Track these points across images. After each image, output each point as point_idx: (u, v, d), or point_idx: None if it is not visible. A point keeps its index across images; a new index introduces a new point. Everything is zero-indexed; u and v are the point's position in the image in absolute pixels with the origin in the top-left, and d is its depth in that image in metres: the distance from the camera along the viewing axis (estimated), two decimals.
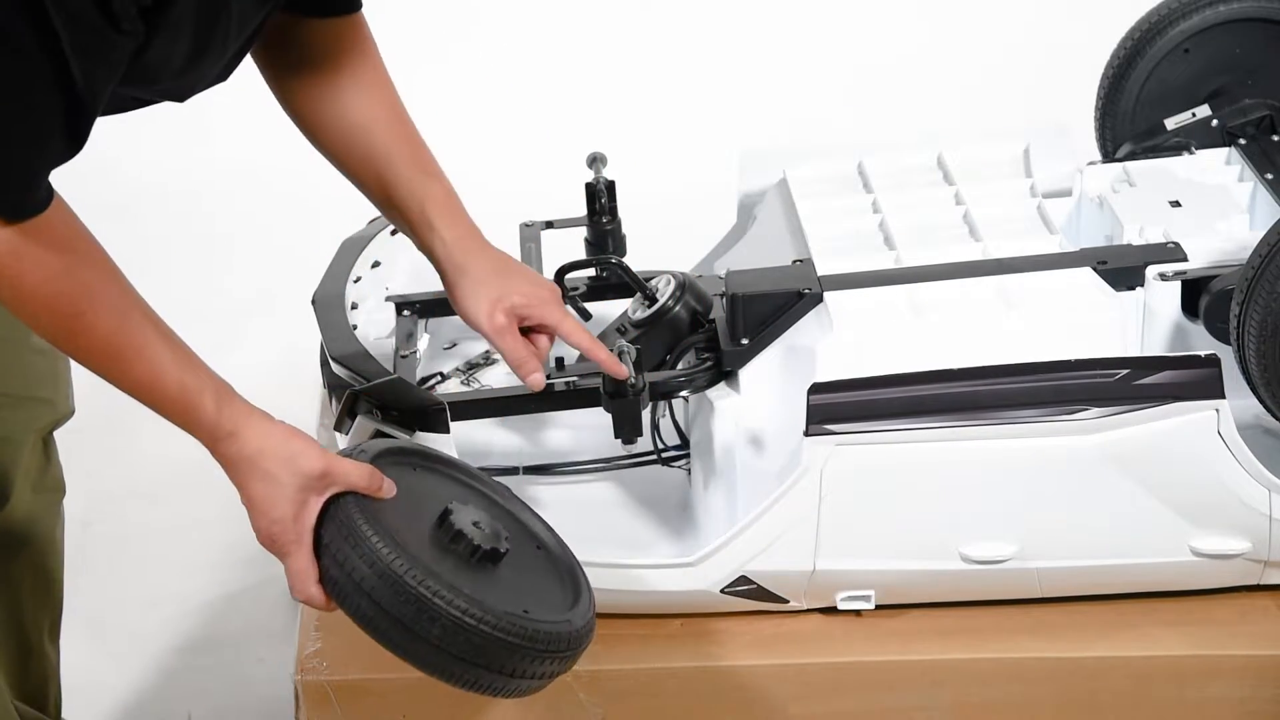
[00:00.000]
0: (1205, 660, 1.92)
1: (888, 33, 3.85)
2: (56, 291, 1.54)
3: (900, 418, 1.85)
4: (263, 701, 2.38)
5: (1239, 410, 1.90)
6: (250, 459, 1.63)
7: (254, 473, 1.64)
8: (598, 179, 2.12)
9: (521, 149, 3.50)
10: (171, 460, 2.87)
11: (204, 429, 1.63)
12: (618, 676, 1.92)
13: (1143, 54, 2.27)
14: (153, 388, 1.61)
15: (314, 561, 1.66)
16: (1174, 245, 2.02)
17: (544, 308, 1.85)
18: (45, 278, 1.52)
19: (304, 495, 1.64)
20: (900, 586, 1.93)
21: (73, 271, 1.54)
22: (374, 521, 1.63)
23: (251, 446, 1.63)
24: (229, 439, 1.63)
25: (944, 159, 2.25)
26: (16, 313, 1.55)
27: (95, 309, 1.56)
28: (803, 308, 1.99)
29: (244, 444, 1.63)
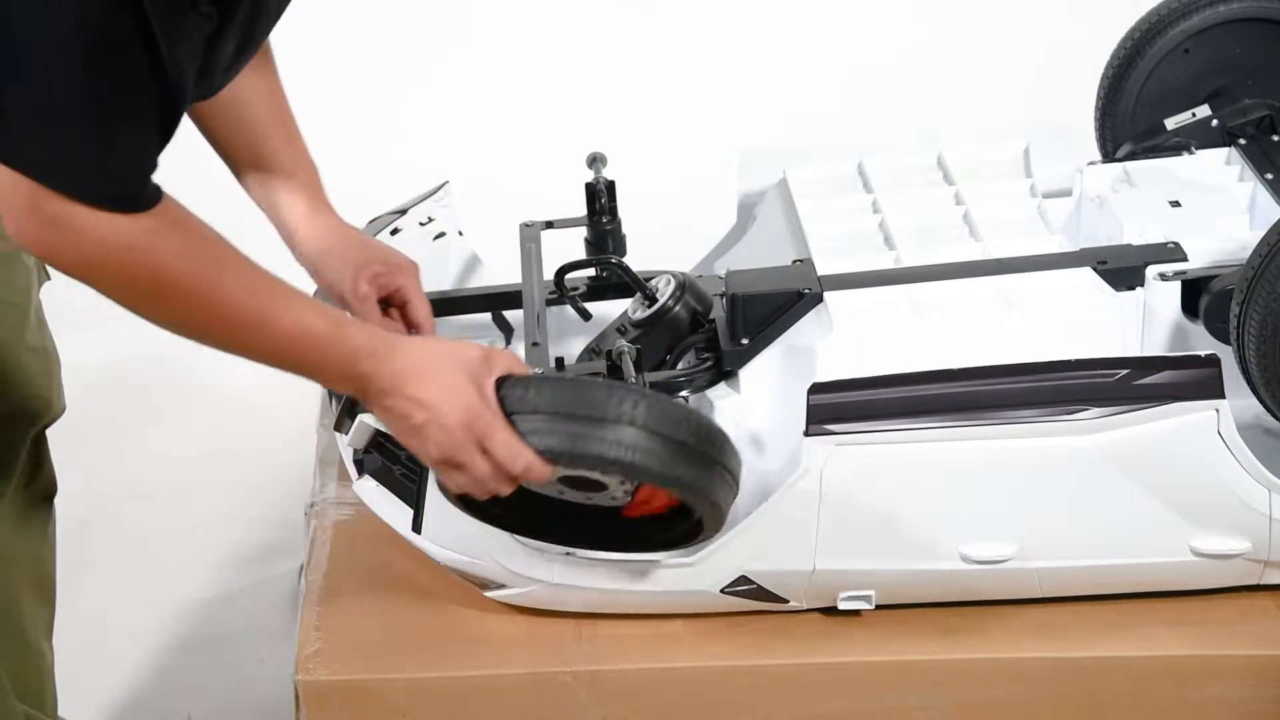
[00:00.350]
0: (1205, 660, 1.92)
1: (888, 33, 3.85)
2: (193, 270, 1.56)
3: (900, 418, 1.85)
4: (263, 701, 2.38)
5: (1239, 410, 1.90)
6: (417, 366, 1.65)
7: (426, 375, 1.66)
8: (598, 179, 2.12)
9: (521, 149, 3.50)
10: (171, 460, 2.88)
11: (362, 357, 1.65)
12: (618, 676, 1.92)
13: (1143, 54, 2.27)
14: (304, 335, 1.63)
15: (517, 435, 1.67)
16: (1174, 245, 2.02)
17: (403, 276, 1.94)
18: (181, 260, 1.54)
19: (479, 378, 1.67)
20: (900, 586, 1.93)
21: (199, 246, 1.57)
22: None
23: (413, 354, 1.66)
24: (390, 355, 1.66)
25: (944, 159, 2.25)
26: (155, 306, 1.57)
27: (230, 276, 1.59)
28: (803, 308, 1.99)
29: (406, 353, 1.66)
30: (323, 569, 2.04)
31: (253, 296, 1.60)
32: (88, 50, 1.43)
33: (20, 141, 1.46)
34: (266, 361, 1.65)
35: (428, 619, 1.98)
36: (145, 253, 1.52)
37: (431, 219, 2.23)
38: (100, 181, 1.48)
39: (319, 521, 2.12)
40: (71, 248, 1.50)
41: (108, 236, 1.50)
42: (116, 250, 1.51)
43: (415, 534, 1.93)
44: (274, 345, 1.62)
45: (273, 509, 2.76)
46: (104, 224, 1.49)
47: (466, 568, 1.93)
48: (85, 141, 1.47)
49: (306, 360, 1.64)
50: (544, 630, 1.95)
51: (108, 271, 1.52)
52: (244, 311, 1.60)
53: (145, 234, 1.51)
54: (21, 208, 1.48)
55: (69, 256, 1.51)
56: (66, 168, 1.47)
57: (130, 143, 1.50)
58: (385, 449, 1.96)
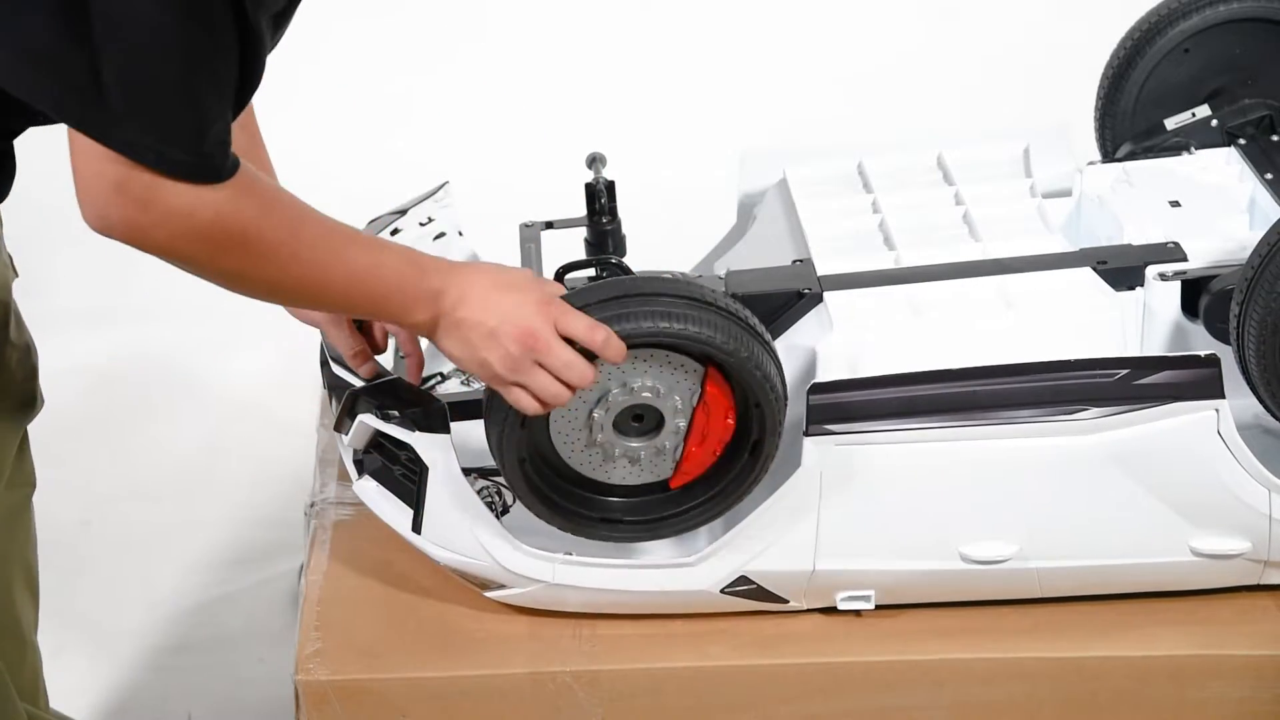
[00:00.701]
0: (1205, 660, 1.92)
1: (888, 33, 3.85)
2: (274, 226, 1.59)
3: (900, 418, 1.85)
4: (263, 701, 2.38)
5: (1239, 410, 1.90)
6: (487, 279, 1.72)
7: (498, 286, 1.72)
8: (597, 179, 2.12)
9: (521, 149, 3.49)
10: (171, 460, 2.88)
11: (439, 276, 1.71)
12: (618, 676, 1.92)
13: (1143, 54, 2.26)
14: (379, 264, 1.68)
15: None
16: (1174, 245, 2.02)
17: None
18: (262, 219, 1.57)
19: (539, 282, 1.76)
20: (900, 586, 1.93)
21: (275, 203, 1.60)
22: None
23: (481, 269, 1.73)
24: (461, 270, 1.72)
25: (944, 159, 2.25)
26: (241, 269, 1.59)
27: (306, 226, 1.62)
28: (803, 308, 1.99)
29: (474, 270, 1.73)
30: (323, 569, 2.04)
31: (329, 238, 1.64)
32: (184, 25, 1.45)
33: (118, 121, 1.47)
34: (342, 302, 1.71)
35: (428, 619, 1.98)
36: (231, 219, 1.54)
37: (431, 219, 2.23)
38: (193, 157, 1.50)
39: (319, 521, 2.12)
40: (161, 225, 1.52)
41: (197, 209, 1.52)
42: (205, 221, 1.53)
43: (415, 534, 1.93)
44: (351, 281, 1.66)
45: (273, 509, 2.76)
46: (193, 198, 1.51)
47: (466, 568, 1.93)
48: (182, 119, 1.49)
49: (382, 288, 1.69)
50: (543, 630, 1.95)
51: (197, 243, 1.54)
52: (322, 255, 1.63)
53: (229, 201, 1.53)
54: (108, 191, 1.50)
55: (158, 234, 1.53)
56: (162, 146, 1.48)
57: (218, 117, 1.52)
58: (385, 449, 1.96)
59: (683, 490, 1.90)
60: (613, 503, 1.91)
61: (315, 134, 1.88)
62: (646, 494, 1.90)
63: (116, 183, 1.50)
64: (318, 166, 1.93)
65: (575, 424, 1.85)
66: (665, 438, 1.86)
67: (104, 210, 1.51)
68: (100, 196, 1.51)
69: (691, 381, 1.83)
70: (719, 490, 1.89)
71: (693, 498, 1.90)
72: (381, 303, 1.71)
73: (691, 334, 1.78)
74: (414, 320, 1.73)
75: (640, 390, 1.82)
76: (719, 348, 1.78)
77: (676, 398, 1.84)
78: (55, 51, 1.46)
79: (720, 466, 1.89)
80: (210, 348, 3.06)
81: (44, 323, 2.05)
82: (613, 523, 1.91)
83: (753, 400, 1.84)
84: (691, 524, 1.92)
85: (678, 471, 1.88)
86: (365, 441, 1.96)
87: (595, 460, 1.87)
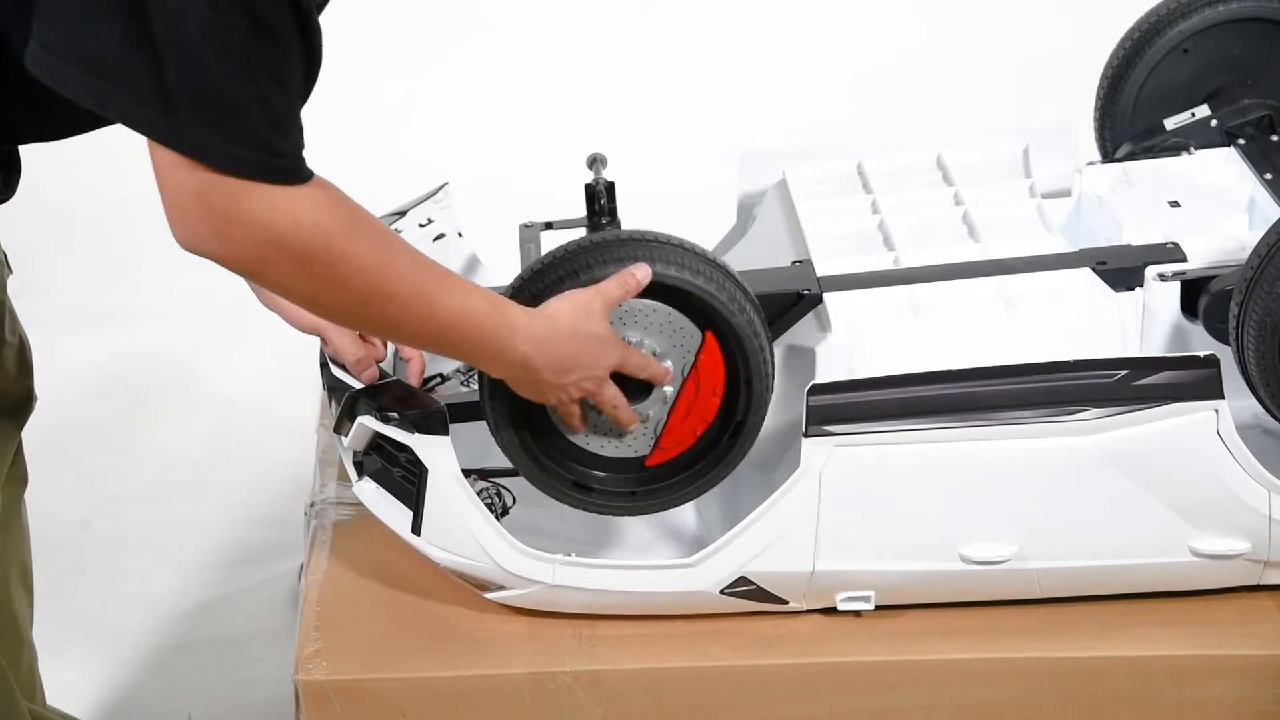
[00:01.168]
0: (1205, 660, 1.92)
1: (888, 33, 3.85)
2: (362, 245, 1.57)
3: (900, 418, 1.85)
4: (263, 701, 2.38)
5: (1239, 410, 1.90)
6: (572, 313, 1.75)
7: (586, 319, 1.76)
8: (597, 180, 2.12)
9: (521, 149, 3.50)
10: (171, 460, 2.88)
11: (520, 319, 1.71)
12: (618, 676, 1.92)
13: (1143, 54, 2.27)
14: (467, 310, 1.67)
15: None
16: (1173, 245, 2.02)
17: None
18: (348, 234, 1.56)
19: (602, 320, 1.79)
20: (900, 587, 1.93)
21: (361, 221, 1.58)
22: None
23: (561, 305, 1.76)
24: (540, 316, 1.74)
25: (944, 159, 2.25)
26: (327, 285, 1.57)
27: (396, 251, 1.61)
28: (803, 308, 1.99)
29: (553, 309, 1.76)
30: (323, 569, 2.04)
31: (418, 271, 1.62)
32: (241, 24, 1.45)
33: (187, 125, 1.47)
34: (424, 340, 1.69)
35: (428, 619, 1.98)
36: (315, 228, 1.53)
37: (431, 220, 2.23)
38: (264, 155, 1.49)
39: (319, 521, 2.12)
40: (247, 237, 1.51)
41: (278, 216, 1.51)
42: (288, 229, 1.52)
43: (415, 536, 1.93)
44: (437, 322, 1.65)
45: (273, 509, 2.76)
46: (273, 203, 1.51)
47: (466, 569, 1.93)
48: (249, 118, 1.48)
49: (467, 337, 1.68)
50: (543, 630, 1.95)
51: (283, 252, 1.53)
52: (410, 286, 1.61)
53: (312, 208, 1.53)
54: (193, 205, 1.50)
55: (244, 247, 1.52)
56: (233, 146, 1.48)
57: (286, 114, 1.51)
58: (385, 451, 1.96)
59: (658, 468, 1.91)
60: (592, 473, 1.91)
61: (315, 134, 1.86)
62: (623, 469, 1.91)
63: (199, 194, 1.49)
64: (317, 167, 1.92)
65: None
66: (651, 405, 1.86)
67: (191, 226, 1.51)
68: (187, 212, 1.51)
69: (687, 349, 1.85)
70: (694, 471, 1.90)
71: (667, 477, 1.91)
72: (459, 351, 1.72)
73: (707, 290, 1.80)
74: (491, 372, 1.77)
75: (637, 346, 1.84)
76: (726, 306, 1.81)
77: (669, 363, 1.85)
78: (119, 60, 1.46)
79: (699, 447, 1.89)
80: (210, 348, 3.06)
81: (45, 324, 2.05)
82: (585, 489, 1.91)
83: (744, 375, 1.85)
84: (663, 504, 1.93)
85: (656, 448, 1.89)
86: (365, 443, 1.96)
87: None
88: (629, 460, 1.90)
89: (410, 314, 1.63)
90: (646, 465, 1.90)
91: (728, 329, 1.83)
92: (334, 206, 1.55)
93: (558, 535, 2.02)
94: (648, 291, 1.82)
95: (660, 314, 1.84)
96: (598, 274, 1.80)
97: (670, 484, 1.91)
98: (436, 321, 1.65)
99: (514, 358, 1.72)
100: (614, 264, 1.80)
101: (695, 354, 1.85)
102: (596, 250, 1.81)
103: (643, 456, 1.90)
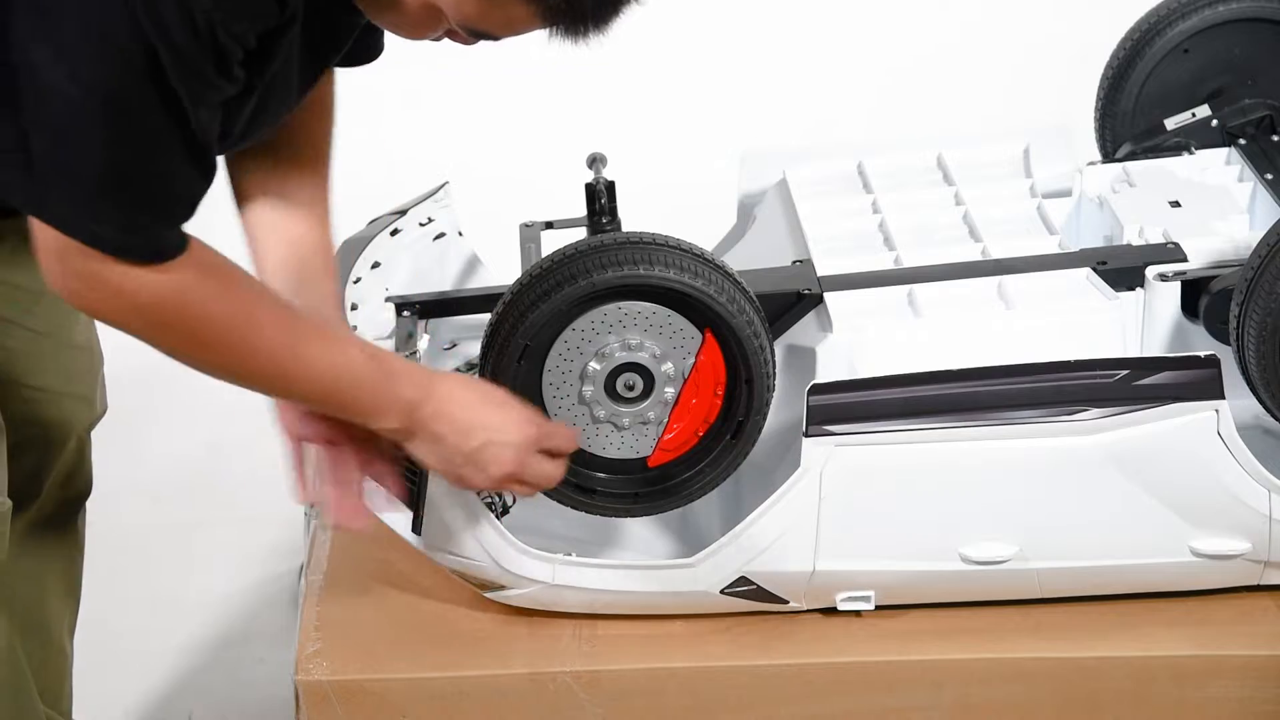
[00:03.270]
0: (1205, 660, 1.92)
1: (888, 33, 3.85)
2: (226, 313, 1.56)
3: (900, 418, 1.85)
4: (263, 701, 2.38)
5: (1239, 410, 1.89)
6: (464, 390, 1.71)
7: (475, 397, 1.71)
8: (598, 179, 2.12)
9: (521, 149, 3.50)
10: (171, 460, 2.88)
11: (405, 384, 1.68)
12: (618, 676, 1.92)
13: (1143, 54, 2.26)
14: (345, 366, 1.64)
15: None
16: (1174, 245, 2.02)
17: None
18: (213, 305, 1.55)
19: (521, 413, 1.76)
20: (900, 587, 1.93)
21: (230, 289, 1.57)
22: None
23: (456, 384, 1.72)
24: (433, 380, 1.69)
25: (944, 159, 2.25)
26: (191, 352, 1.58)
27: (263, 315, 1.59)
28: (803, 308, 1.99)
29: (449, 379, 1.71)
30: (323, 569, 2.04)
31: (288, 333, 1.61)
32: (105, 111, 1.44)
33: (45, 192, 1.47)
34: (309, 400, 1.67)
35: (428, 619, 1.98)
36: (175, 303, 1.53)
37: (431, 219, 2.23)
38: (125, 236, 1.49)
39: (319, 521, 2.12)
40: (101, 301, 1.52)
41: (136, 290, 1.51)
42: (147, 303, 1.52)
43: (415, 535, 1.93)
44: (313, 381, 1.63)
45: (273, 509, 2.76)
46: (131, 277, 1.50)
47: (466, 569, 1.93)
48: (111, 199, 1.47)
49: (348, 393, 1.65)
50: (543, 630, 1.95)
51: (142, 321, 1.53)
52: (280, 349, 1.60)
53: (174, 285, 1.52)
54: (53, 259, 1.50)
55: (100, 309, 1.53)
56: (87, 222, 1.48)
57: (154, 198, 1.50)
58: None
59: (660, 469, 1.90)
60: (594, 475, 1.91)
61: None
62: (625, 471, 1.90)
63: (59, 253, 1.49)
64: None
65: (569, 377, 1.85)
66: (652, 407, 1.86)
67: (56, 282, 1.52)
68: (47, 263, 1.51)
69: (687, 349, 1.85)
70: (696, 471, 1.90)
71: (669, 478, 1.91)
72: (348, 405, 1.68)
73: (706, 291, 1.80)
74: (382, 425, 1.71)
75: (637, 349, 1.84)
76: (725, 307, 1.80)
77: (670, 365, 1.85)
78: None
79: (700, 447, 1.90)
80: None
81: None
82: (588, 491, 1.91)
83: (745, 375, 1.85)
84: (667, 505, 1.93)
85: (658, 448, 1.89)
86: None
87: (581, 422, 1.87)
88: (631, 461, 1.90)
89: (285, 374, 1.62)
90: (649, 466, 1.90)
91: (727, 329, 1.83)
92: (200, 283, 1.54)
93: (558, 535, 2.01)
94: (647, 294, 1.82)
95: (659, 316, 1.84)
96: (596, 278, 1.79)
97: (673, 484, 1.91)
98: (314, 379, 1.63)
99: (397, 403, 1.68)
100: (612, 268, 1.80)
101: (695, 355, 1.85)
102: (594, 254, 1.81)
103: (644, 457, 1.90)
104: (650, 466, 1.90)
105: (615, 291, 1.81)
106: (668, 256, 1.81)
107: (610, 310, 1.82)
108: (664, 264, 1.81)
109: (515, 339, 1.81)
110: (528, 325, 1.80)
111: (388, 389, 1.67)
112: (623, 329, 1.83)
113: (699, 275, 1.81)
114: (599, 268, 1.80)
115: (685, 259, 1.82)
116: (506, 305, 1.82)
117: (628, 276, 1.80)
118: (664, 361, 1.85)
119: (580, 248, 1.82)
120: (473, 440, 1.71)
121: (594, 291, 1.80)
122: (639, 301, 1.82)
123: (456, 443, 1.71)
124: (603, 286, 1.80)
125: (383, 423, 1.70)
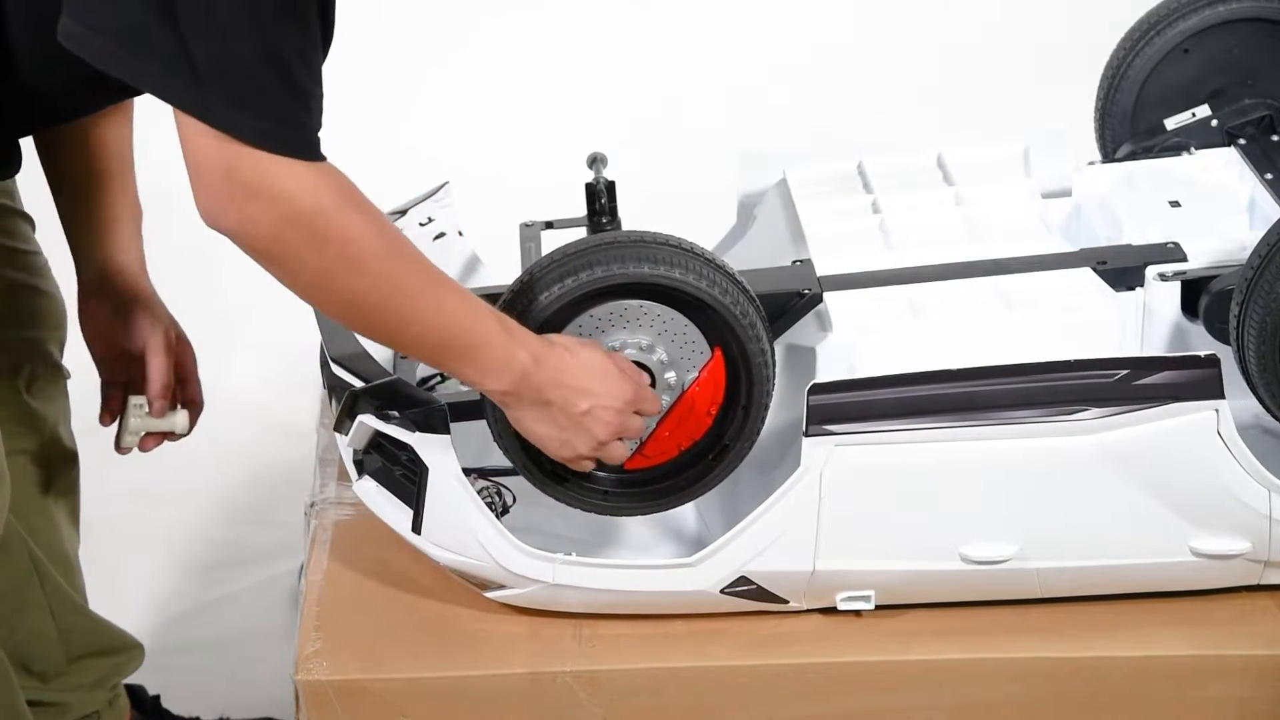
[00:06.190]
0: (1205, 660, 1.92)
1: (888, 33, 3.85)
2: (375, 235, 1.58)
3: (900, 418, 1.85)
4: (263, 701, 2.38)
5: (1239, 410, 1.90)
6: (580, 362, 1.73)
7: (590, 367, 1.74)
8: (598, 179, 2.12)
9: (521, 149, 3.50)
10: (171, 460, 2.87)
11: (528, 352, 1.70)
12: (618, 676, 1.92)
13: (1142, 54, 2.26)
14: (473, 316, 1.66)
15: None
16: (1174, 245, 2.02)
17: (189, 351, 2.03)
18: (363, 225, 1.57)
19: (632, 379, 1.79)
20: (900, 587, 1.93)
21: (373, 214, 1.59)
22: None
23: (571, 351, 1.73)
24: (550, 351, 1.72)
25: (944, 159, 2.25)
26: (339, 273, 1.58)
27: (404, 246, 1.61)
28: (803, 308, 1.99)
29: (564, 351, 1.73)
30: (323, 569, 2.04)
31: (426, 271, 1.62)
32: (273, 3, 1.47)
33: (216, 100, 1.48)
34: (422, 347, 1.67)
35: (428, 619, 1.98)
36: (335, 206, 1.54)
37: (431, 219, 2.23)
38: (288, 130, 1.51)
39: (319, 521, 2.12)
40: (266, 213, 1.52)
41: (300, 191, 1.52)
42: (309, 206, 1.53)
43: (415, 534, 1.93)
44: (441, 330, 1.64)
45: (273, 509, 2.76)
46: (295, 178, 1.52)
47: (466, 568, 1.94)
48: (274, 92, 1.50)
49: (471, 350, 1.67)
50: (544, 630, 1.95)
51: (301, 230, 1.54)
52: (419, 285, 1.61)
53: (332, 186, 1.54)
54: (219, 179, 1.51)
55: (263, 223, 1.53)
56: (259, 121, 1.49)
57: (309, 89, 1.53)
58: (385, 449, 1.96)
59: (635, 474, 1.90)
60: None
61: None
62: (601, 465, 1.89)
63: (225, 168, 1.51)
64: None
65: None
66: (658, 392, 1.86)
67: (215, 198, 1.52)
68: (211, 185, 1.51)
69: (693, 363, 1.85)
70: (670, 484, 1.91)
71: (641, 484, 1.91)
72: (462, 356, 1.68)
73: (734, 312, 1.80)
74: (489, 385, 1.72)
75: (648, 349, 1.84)
76: (746, 332, 1.81)
77: (673, 374, 1.85)
78: (147, 33, 1.47)
79: (679, 463, 1.90)
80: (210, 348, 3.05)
81: None
82: (559, 478, 1.90)
83: (743, 400, 1.84)
84: (634, 510, 1.93)
85: (638, 453, 1.88)
86: (365, 442, 1.96)
87: None
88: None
89: (417, 308, 1.62)
90: (625, 468, 1.90)
91: (740, 353, 1.83)
92: (351, 189, 1.57)
93: (558, 534, 2.02)
94: (664, 297, 1.81)
95: (676, 323, 1.83)
96: (599, 274, 1.79)
97: (644, 491, 1.91)
98: (442, 319, 1.64)
99: (512, 366, 1.70)
100: (616, 264, 1.79)
101: (700, 370, 1.85)
102: (600, 250, 1.81)
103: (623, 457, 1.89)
104: (626, 469, 1.90)
105: (636, 289, 1.81)
106: (697, 265, 1.81)
107: (631, 305, 1.82)
108: (697, 273, 1.80)
109: (533, 314, 1.80)
110: (542, 305, 1.80)
111: (509, 351, 1.69)
112: (637, 326, 1.83)
113: (726, 293, 1.81)
114: (619, 261, 1.80)
115: (711, 270, 1.81)
116: (531, 278, 1.82)
117: (648, 276, 1.80)
118: (667, 370, 1.85)
119: (586, 244, 1.82)
120: (580, 405, 1.74)
121: (614, 284, 1.79)
122: (655, 303, 1.82)
123: (565, 408, 1.74)
124: (623, 281, 1.79)
125: (491, 384, 1.72)
